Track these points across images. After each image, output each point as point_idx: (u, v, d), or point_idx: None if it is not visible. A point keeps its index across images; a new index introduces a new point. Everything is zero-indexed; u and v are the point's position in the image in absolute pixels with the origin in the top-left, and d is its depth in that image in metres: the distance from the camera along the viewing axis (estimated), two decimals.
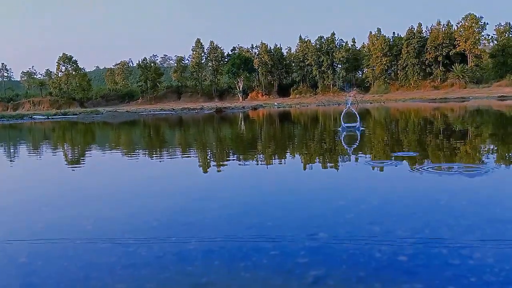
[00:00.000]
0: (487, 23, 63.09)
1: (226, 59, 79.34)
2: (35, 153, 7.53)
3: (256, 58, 76.06)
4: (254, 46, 79.47)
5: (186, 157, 5.89)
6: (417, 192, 3.16)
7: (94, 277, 1.69)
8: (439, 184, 3.39)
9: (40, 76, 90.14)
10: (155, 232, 2.29)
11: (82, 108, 65.63)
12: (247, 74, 74.20)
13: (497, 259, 1.76)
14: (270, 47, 77.01)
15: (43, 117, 32.13)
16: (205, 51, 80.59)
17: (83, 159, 6.37)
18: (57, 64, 78.40)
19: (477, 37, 61.59)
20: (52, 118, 30.92)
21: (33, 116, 33.06)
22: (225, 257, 1.87)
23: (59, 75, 78.19)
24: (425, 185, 3.39)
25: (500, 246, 1.91)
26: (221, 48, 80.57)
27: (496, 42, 65.54)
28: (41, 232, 2.39)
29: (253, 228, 2.30)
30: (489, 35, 66.85)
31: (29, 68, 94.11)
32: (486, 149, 5.68)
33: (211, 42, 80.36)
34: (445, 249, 1.90)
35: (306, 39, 75.62)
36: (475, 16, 62.10)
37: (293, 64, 77.80)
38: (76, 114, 35.00)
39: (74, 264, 1.86)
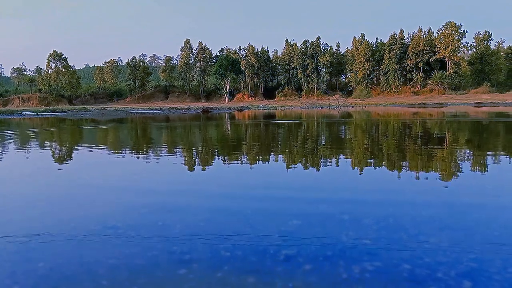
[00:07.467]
0: (467, 31, 64.97)
1: (214, 60, 79.34)
2: (23, 148, 7.50)
3: (243, 60, 76.32)
4: (241, 48, 79.82)
5: (174, 152, 6.03)
6: (388, 187, 3.41)
7: (88, 254, 1.86)
8: (409, 181, 3.64)
9: (30, 72, 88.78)
10: (143, 218, 2.46)
11: (71, 105, 64.84)
12: (234, 76, 74.33)
13: (451, 243, 1.99)
14: (257, 49, 77.40)
15: (33, 113, 31.73)
16: (194, 51, 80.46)
17: (72, 154, 6.41)
18: (47, 61, 77.40)
19: (456, 44, 63.34)
20: (41, 114, 30.57)
21: (22, 113, 32.55)
22: (207, 239, 2.06)
23: (49, 72, 77.15)
24: (396, 182, 3.64)
25: (455, 233, 2.15)
26: (209, 49, 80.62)
27: (474, 50, 67.69)
28: (38, 218, 2.53)
29: (234, 215, 2.50)
30: (468, 43, 68.96)
31: (20, 65, 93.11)
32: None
33: (200, 43, 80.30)
34: (405, 235, 2.12)
35: (292, 42, 76.39)
36: (455, 24, 63.98)
37: (279, 67, 78.38)
38: (64, 111, 34.65)
39: (69, 244, 2.03)
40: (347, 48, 75.53)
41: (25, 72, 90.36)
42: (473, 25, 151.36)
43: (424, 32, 67.98)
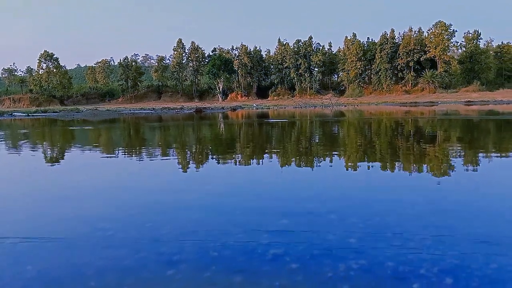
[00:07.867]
0: (456, 30, 65.53)
1: (206, 60, 79.15)
2: (12, 149, 7.42)
3: (236, 59, 76.20)
4: (234, 48, 79.78)
5: (165, 153, 6.02)
6: (375, 186, 3.45)
7: (76, 256, 1.87)
8: (396, 180, 3.70)
9: (21, 73, 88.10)
10: (132, 219, 2.48)
11: (62, 106, 64.37)
12: (227, 75, 74.23)
13: (434, 241, 2.04)
14: (250, 49, 77.34)
15: (23, 114, 31.53)
16: (186, 51, 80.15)
17: (62, 155, 6.37)
18: (38, 61, 76.75)
19: (446, 43, 63.92)
20: (32, 115, 30.35)
21: (13, 113, 32.23)
22: (196, 239, 2.08)
23: (40, 73, 76.54)
24: (384, 180, 3.70)
25: (439, 230, 2.19)
26: (202, 49, 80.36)
27: (464, 49, 68.45)
28: (26, 221, 2.53)
29: (223, 215, 2.52)
30: (458, 42, 69.66)
31: (10, 65, 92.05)
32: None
33: (192, 42, 79.96)
34: (390, 233, 2.17)
35: (284, 42, 76.50)
36: (445, 23, 64.58)
37: (272, 66, 78.43)
38: (56, 112, 34.41)
39: (57, 246, 2.04)
40: (339, 47, 75.91)
41: (15, 73, 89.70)
42: (463, 24, 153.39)
43: (415, 31, 68.53)
